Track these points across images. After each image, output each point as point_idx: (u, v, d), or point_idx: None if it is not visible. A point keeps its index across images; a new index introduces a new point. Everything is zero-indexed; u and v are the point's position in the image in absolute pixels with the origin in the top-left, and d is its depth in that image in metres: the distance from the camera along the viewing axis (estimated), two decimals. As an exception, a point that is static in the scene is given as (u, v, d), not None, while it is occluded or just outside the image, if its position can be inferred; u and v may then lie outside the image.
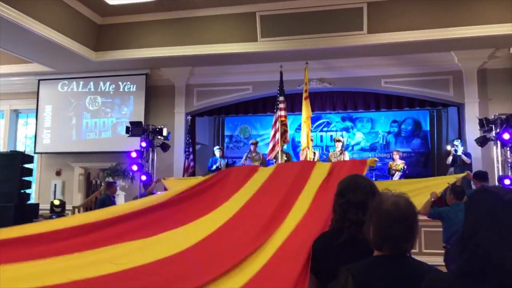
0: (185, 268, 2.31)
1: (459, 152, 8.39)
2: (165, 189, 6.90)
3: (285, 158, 9.34)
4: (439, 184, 4.61)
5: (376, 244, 1.54)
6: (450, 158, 8.55)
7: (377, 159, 6.79)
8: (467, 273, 1.23)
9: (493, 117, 8.04)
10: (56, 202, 9.72)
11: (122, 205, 2.98)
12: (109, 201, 7.23)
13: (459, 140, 8.86)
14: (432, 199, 4.36)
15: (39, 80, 11.07)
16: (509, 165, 7.53)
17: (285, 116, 9.10)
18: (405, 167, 9.29)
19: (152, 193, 7.26)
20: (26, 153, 10.01)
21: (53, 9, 8.35)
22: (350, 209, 1.93)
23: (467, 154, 8.55)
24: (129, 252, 2.47)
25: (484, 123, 8.00)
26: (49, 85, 11.08)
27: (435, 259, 4.25)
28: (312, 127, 9.80)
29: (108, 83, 10.79)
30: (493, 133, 7.94)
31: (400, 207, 1.51)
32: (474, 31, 7.94)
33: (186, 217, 2.98)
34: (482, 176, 5.64)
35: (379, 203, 1.55)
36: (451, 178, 5.05)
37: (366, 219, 1.60)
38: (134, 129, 9.08)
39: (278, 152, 9.06)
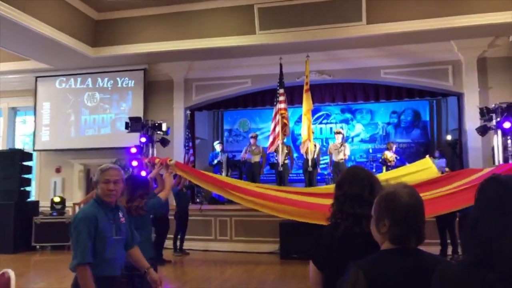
0: None
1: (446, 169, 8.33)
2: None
3: (286, 151, 9.33)
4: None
5: (399, 239, 1.47)
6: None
7: None
8: (473, 262, 1.20)
9: (493, 106, 7.99)
10: (57, 199, 9.71)
11: None
12: None
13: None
14: None
15: (36, 78, 11.00)
16: (510, 154, 7.50)
17: (285, 109, 9.08)
18: (396, 160, 9.37)
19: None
20: (25, 150, 9.97)
21: (49, 6, 8.26)
22: (347, 202, 1.90)
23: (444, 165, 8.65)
24: None
25: (485, 112, 7.95)
26: (47, 82, 11.02)
27: (430, 250, 4.28)
28: (311, 119, 9.78)
29: (106, 79, 10.72)
30: (494, 122, 7.90)
31: (417, 198, 1.49)
32: (474, 19, 7.88)
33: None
34: None
35: (393, 197, 1.48)
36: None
37: (375, 214, 1.53)
38: (133, 124, 9.02)
39: (278, 145, 9.05)
